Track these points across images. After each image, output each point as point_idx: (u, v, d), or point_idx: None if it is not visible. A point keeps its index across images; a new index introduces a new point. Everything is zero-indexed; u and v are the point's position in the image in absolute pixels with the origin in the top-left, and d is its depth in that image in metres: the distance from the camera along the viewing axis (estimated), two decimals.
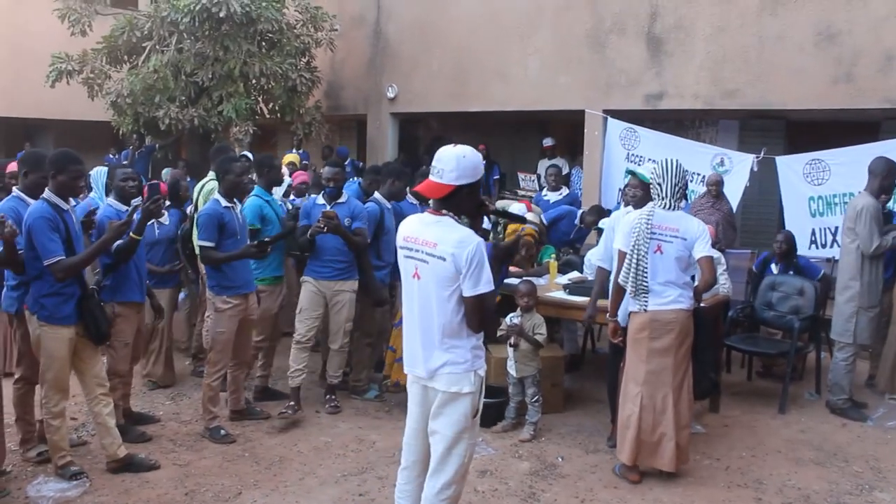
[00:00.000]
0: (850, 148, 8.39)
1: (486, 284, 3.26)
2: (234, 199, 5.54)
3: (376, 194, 6.39)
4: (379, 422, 5.85)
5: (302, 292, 5.96)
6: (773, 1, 9.01)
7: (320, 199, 6.00)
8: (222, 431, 5.42)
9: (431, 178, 3.35)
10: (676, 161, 4.79)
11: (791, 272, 7.02)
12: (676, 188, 4.72)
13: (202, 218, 5.43)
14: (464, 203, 3.36)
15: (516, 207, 7.05)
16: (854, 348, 6.00)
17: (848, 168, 8.32)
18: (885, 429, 5.87)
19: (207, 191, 6.31)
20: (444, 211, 3.35)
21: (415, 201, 6.43)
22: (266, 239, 5.54)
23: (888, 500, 4.66)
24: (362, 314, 6.22)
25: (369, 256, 6.09)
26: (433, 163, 3.36)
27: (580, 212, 8.27)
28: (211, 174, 6.51)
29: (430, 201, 3.43)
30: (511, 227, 6.70)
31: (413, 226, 3.47)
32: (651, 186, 4.86)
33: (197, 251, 5.99)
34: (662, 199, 4.74)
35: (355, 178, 7.84)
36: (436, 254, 3.28)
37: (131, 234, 4.83)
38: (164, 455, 5.08)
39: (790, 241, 7.10)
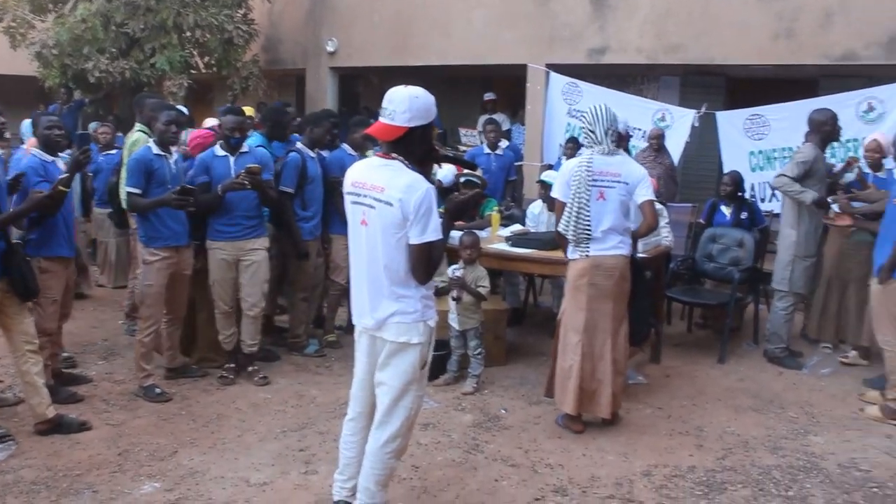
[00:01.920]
0: (789, 104, 8.45)
1: (433, 232, 3.14)
2: (168, 148, 5.28)
3: (298, 143, 6.09)
4: (319, 377, 5.76)
5: (210, 260, 5.48)
6: None
7: (220, 151, 5.46)
8: (157, 390, 5.25)
9: (382, 119, 3.20)
10: (604, 105, 4.72)
11: (744, 212, 7.05)
12: (610, 131, 4.65)
13: (130, 163, 5.24)
14: (415, 147, 3.21)
15: (443, 172, 6.93)
16: (793, 297, 6.07)
17: (787, 123, 8.40)
18: (819, 376, 5.98)
19: (131, 143, 6.04)
20: (393, 155, 3.21)
21: (353, 152, 6.23)
22: (189, 186, 5.16)
23: (822, 443, 4.74)
24: (295, 269, 6.06)
25: (294, 207, 5.86)
26: (383, 104, 3.20)
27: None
28: (136, 125, 6.23)
29: (380, 144, 3.29)
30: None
31: (361, 170, 3.32)
32: (584, 135, 4.79)
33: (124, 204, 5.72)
34: (599, 143, 4.66)
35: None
36: (383, 199, 3.15)
37: (59, 186, 4.57)
38: (96, 415, 4.91)
39: (737, 181, 7.14)
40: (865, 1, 8.22)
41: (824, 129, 6.01)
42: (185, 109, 8.37)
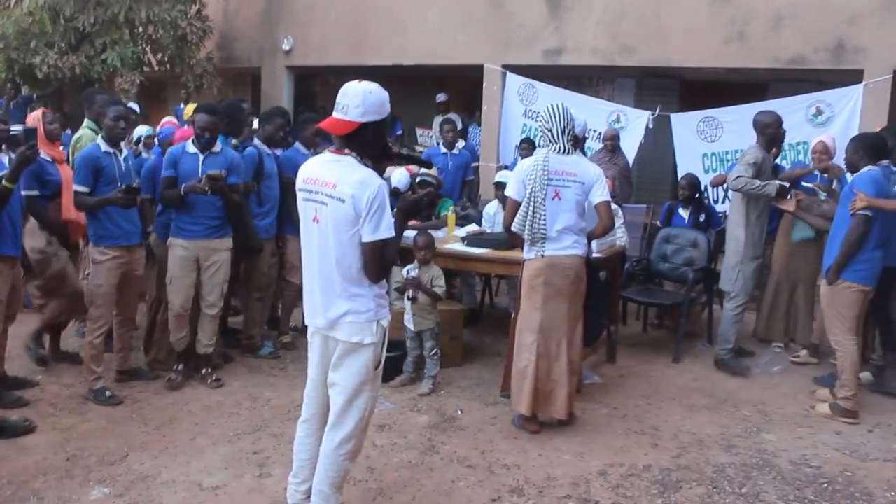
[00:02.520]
0: (741, 106, 8.57)
1: (386, 230, 3.11)
2: (118, 145, 5.16)
3: (255, 139, 6.02)
4: (274, 379, 5.68)
5: (170, 257, 5.34)
6: None
7: (191, 148, 5.33)
8: (107, 393, 5.12)
9: (335, 114, 3.16)
10: (562, 105, 4.73)
11: (702, 215, 7.12)
12: (567, 130, 4.66)
13: (77, 160, 5.10)
14: (368, 143, 3.18)
15: (397, 175, 6.90)
16: (743, 298, 6.13)
17: (739, 126, 8.48)
18: (771, 374, 6.09)
19: (76, 140, 5.90)
20: (346, 150, 3.17)
21: (306, 151, 6.14)
22: (134, 185, 5.04)
23: (774, 441, 4.81)
24: (249, 268, 5.96)
25: (249, 203, 5.75)
26: (338, 98, 3.16)
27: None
28: (85, 122, 6.09)
29: (333, 140, 3.24)
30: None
31: (313, 167, 3.27)
32: (541, 133, 4.79)
33: None
34: (555, 142, 4.67)
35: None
36: (335, 195, 3.10)
37: (4, 182, 4.44)
38: (43, 420, 4.76)
39: (694, 184, 7.21)
40: (814, 7, 8.36)
41: (768, 132, 6.02)
42: (136, 107, 8.23)
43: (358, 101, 3.11)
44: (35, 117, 5.56)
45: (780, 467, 4.43)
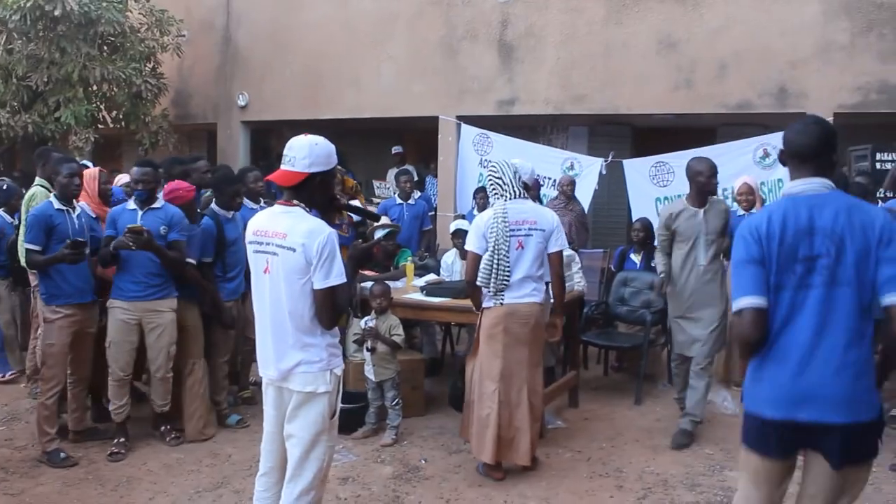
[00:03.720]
0: (691, 151, 8.71)
1: (337, 276, 3.14)
2: (71, 202, 5.09)
3: (212, 205, 5.81)
4: (234, 434, 5.57)
5: (110, 321, 5.15)
6: (617, 11, 9.34)
7: (131, 205, 5.22)
8: (62, 454, 4.98)
9: (283, 166, 3.21)
10: (505, 161, 4.84)
11: (653, 260, 7.17)
12: (516, 178, 4.74)
13: (29, 218, 5.02)
14: (316, 193, 3.23)
15: None
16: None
17: None
18: (733, 413, 6.09)
19: (29, 198, 5.82)
20: (294, 202, 3.21)
21: (253, 205, 6.07)
22: (80, 239, 4.90)
23: (737, 478, 4.79)
24: (217, 335, 5.73)
25: (213, 271, 5.57)
26: (285, 151, 3.22)
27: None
28: (37, 180, 6.01)
29: (283, 192, 3.27)
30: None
31: (262, 219, 3.31)
32: (493, 188, 4.82)
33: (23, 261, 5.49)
34: (506, 191, 4.73)
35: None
36: (286, 245, 3.13)
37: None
38: None
39: (647, 227, 7.31)
40: (757, 54, 8.66)
41: (698, 180, 5.38)
42: (90, 164, 8.13)
43: (304, 152, 3.17)
44: (91, 174, 5.52)
45: None
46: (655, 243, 8.33)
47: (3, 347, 6.96)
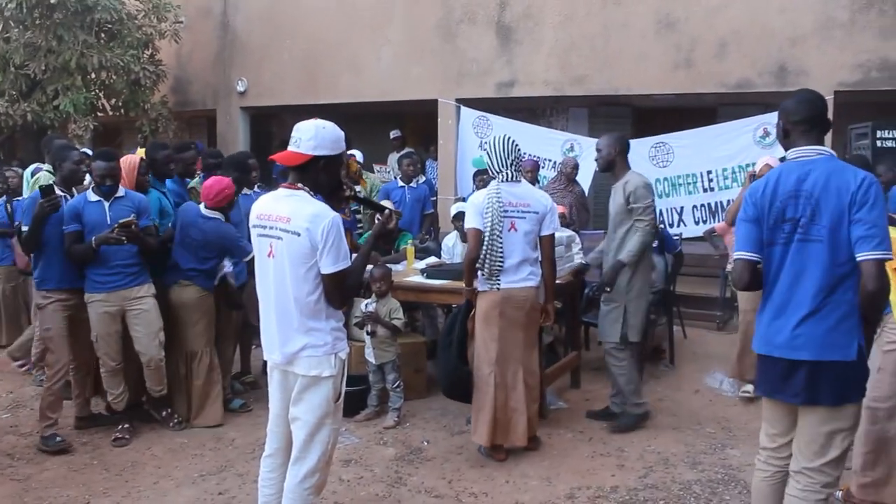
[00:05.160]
0: (690, 131, 8.80)
1: (344, 260, 3.15)
2: (71, 189, 5.11)
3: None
4: (238, 418, 5.60)
5: (91, 315, 5.06)
6: None
7: (92, 196, 5.02)
8: (57, 438, 4.99)
9: (289, 147, 3.22)
10: (505, 136, 4.80)
11: (655, 241, 7.14)
12: (510, 160, 4.71)
13: (28, 202, 5.01)
14: (321, 177, 3.23)
15: None
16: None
17: (690, 150, 8.73)
18: (733, 395, 6.10)
19: (34, 179, 5.83)
20: (299, 185, 3.21)
21: (247, 191, 6.02)
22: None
23: (739, 456, 4.86)
24: (224, 319, 5.76)
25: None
26: (293, 132, 3.23)
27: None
28: (44, 166, 6.03)
29: (289, 175, 3.28)
30: None
31: (266, 202, 3.31)
32: (488, 168, 4.84)
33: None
34: (500, 172, 4.73)
35: None
36: (290, 229, 3.14)
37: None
38: (0, 471, 4.67)
39: None
40: (756, 32, 8.62)
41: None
42: (90, 152, 8.14)
43: (310, 134, 3.17)
44: (131, 163, 5.40)
45: (745, 481, 4.45)
46: (659, 220, 8.39)
47: None
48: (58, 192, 4.94)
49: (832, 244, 2.93)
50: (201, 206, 5.36)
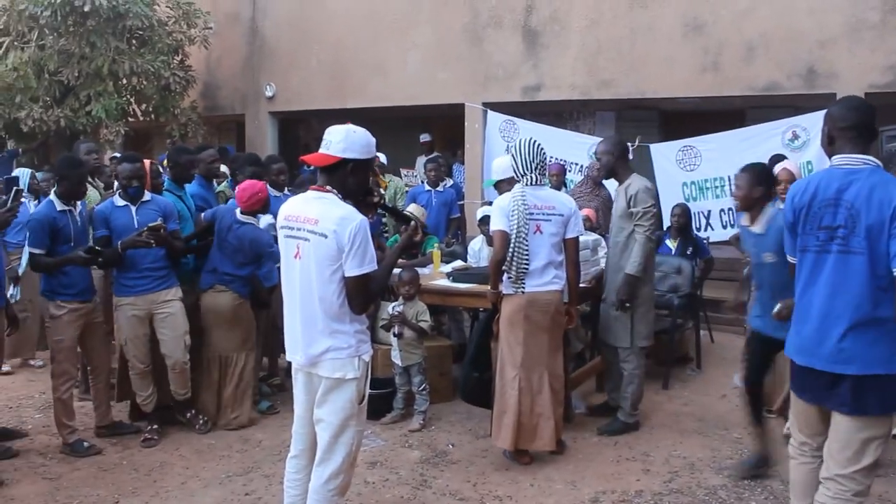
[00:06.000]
0: (718, 134, 8.73)
1: (370, 263, 3.18)
2: (73, 202, 5.04)
3: (229, 191, 5.92)
4: (265, 420, 5.67)
5: (119, 318, 5.20)
6: None
7: (119, 201, 5.15)
8: (85, 444, 5.08)
9: (320, 150, 3.27)
10: (530, 139, 4.83)
11: (689, 248, 7.15)
12: (535, 163, 4.73)
13: (31, 222, 4.95)
14: (349, 181, 3.26)
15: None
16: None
17: (717, 153, 8.67)
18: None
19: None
20: (327, 188, 3.25)
21: (277, 193, 6.08)
22: (95, 247, 4.92)
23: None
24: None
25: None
26: (324, 136, 3.28)
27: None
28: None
29: (317, 178, 3.33)
30: None
31: (295, 204, 3.36)
32: (513, 171, 4.84)
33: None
34: (525, 176, 4.74)
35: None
36: (317, 231, 3.17)
37: None
38: (32, 470, 4.78)
39: (687, 213, 7.29)
40: (785, 34, 8.54)
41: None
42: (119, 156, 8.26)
43: (340, 137, 3.22)
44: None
45: (771, 487, 4.44)
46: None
47: None
48: (59, 206, 4.92)
49: (872, 257, 2.94)
50: (237, 212, 5.42)
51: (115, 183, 5.73)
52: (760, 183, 4.39)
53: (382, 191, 7.26)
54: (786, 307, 3.62)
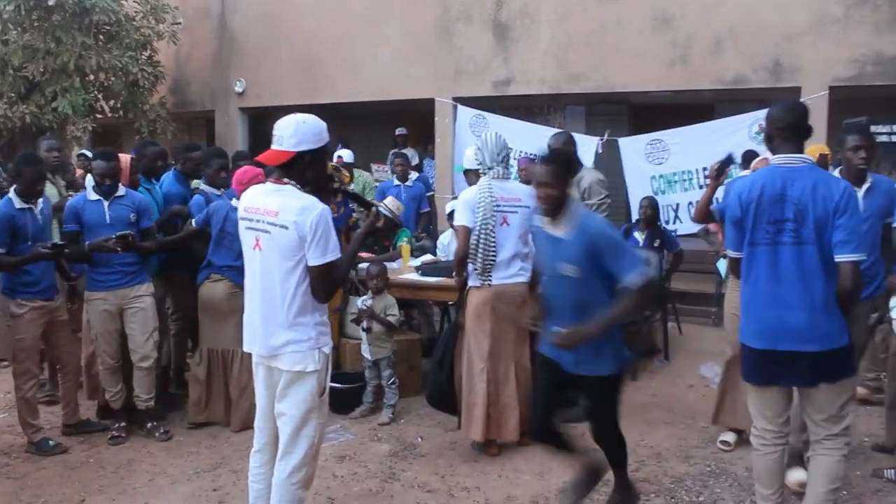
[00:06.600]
0: (686, 128, 8.79)
1: (333, 252, 3.17)
2: (34, 200, 4.93)
3: (202, 185, 5.80)
4: None
5: (91, 313, 5.13)
6: None
7: (93, 195, 5.06)
8: (51, 442, 5.03)
9: (272, 146, 3.23)
10: (495, 133, 4.87)
11: (657, 241, 7.20)
12: (501, 156, 4.76)
13: None
14: (307, 172, 3.24)
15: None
16: None
17: (685, 147, 8.73)
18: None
19: None
20: (285, 180, 3.23)
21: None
22: (59, 242, 4.89)
23: (730, 449, 4.88)
24: None
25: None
26: (273, 130, 3.23)
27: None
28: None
29: (275, 171, 3.30)
30: None
31: (254, 196, 3.34)
32: (480, 163, 4.86)
33: None
34: (490, 168, 4.76)
35: None
36: (278, 223, 3.16)
37: None
38: None
39: (654, 205, 7.33)
40: (752, 28, 8.63)
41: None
42: (89, 153, 8.18)
43: (291, 131, 3.18)
44: (124, 161, 5.30)
45: (736, 474, 4.49)
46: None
47: None
48: (18, 204, 4.82)
49: (820, 246, 3.27)
50: (232, 201, 5.29)
51: (86, 180, 5.65)
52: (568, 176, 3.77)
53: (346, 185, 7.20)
54: (571, 335, 3.55)
